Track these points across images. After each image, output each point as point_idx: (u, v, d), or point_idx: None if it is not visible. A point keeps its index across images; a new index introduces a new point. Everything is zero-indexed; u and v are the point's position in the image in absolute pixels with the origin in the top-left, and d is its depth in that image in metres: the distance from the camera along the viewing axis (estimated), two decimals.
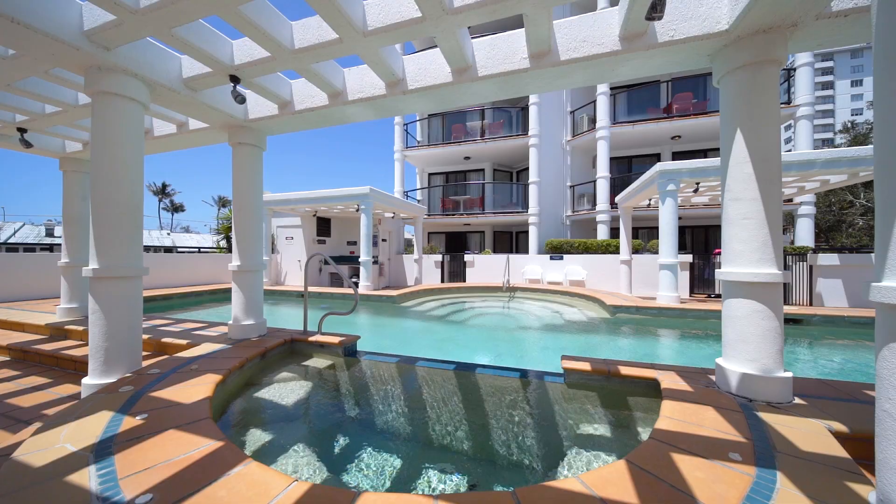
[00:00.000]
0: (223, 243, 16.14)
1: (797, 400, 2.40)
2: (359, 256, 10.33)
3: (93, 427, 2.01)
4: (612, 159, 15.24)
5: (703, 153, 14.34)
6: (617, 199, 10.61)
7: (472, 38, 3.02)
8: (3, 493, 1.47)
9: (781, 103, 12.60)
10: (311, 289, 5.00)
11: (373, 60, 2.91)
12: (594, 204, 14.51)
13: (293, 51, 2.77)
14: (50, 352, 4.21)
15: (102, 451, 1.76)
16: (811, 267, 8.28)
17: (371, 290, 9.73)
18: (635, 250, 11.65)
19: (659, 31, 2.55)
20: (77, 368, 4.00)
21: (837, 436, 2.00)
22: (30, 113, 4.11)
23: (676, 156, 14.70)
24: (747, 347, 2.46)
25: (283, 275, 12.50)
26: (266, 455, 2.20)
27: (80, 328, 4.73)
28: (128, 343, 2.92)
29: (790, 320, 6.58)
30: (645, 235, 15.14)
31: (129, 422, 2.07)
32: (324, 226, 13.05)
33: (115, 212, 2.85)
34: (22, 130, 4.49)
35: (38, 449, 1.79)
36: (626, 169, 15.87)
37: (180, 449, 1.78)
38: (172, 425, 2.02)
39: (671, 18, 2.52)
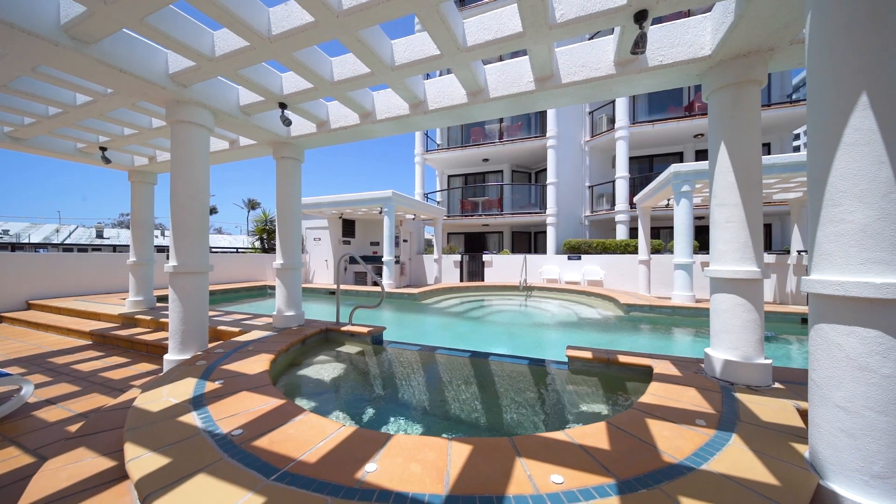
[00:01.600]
0: (257, 244, 17.27)
1: (777, 385, 2.67)
2: (382, 256, 10.93)
3: (185, 388, 2.58)
4: (632, 158, 15.18)
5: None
6: (635, 199, 10.68)
7: (484, 63, 3.44)
8: (137, 426, 2.03)
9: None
10: (336, 286, 5.53)
11: (398, 87, 3.39)
12: (613, 204, 14.52)
13: (332, 82, 3.29)
14: (126, 337, 4.96)
15: (197, 403, 2.32)
16: None
17: (393, 288, 10.29)
18: (656, 250, 11.64)
19: (649, 57, 2.88)
20: (149, 351, 4.71)
21: (803, 413, 2.28)
22: (111, 135, 4.87)
23: (700, 154, 14.46)
24: (730, 337, 2.75)
25: (311, 273, 13.30)
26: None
27: (148, 317, 5.50)
28: (198, 327, 3.54)
29: (804, 320, 6.56)
30: (666, 235, 14.99)
31: (210, 385, 2.63)
32: (349, 227, 13.78)
33: (188, 219, 3.47)
34: (103, 149, 5.30)
35: (150, 401, 2.37)
36: (647, 168, 15.73)
37: (254, 404, 2.31)
38: (244, 388, 2.57)
39: (660, 45, 2.85)
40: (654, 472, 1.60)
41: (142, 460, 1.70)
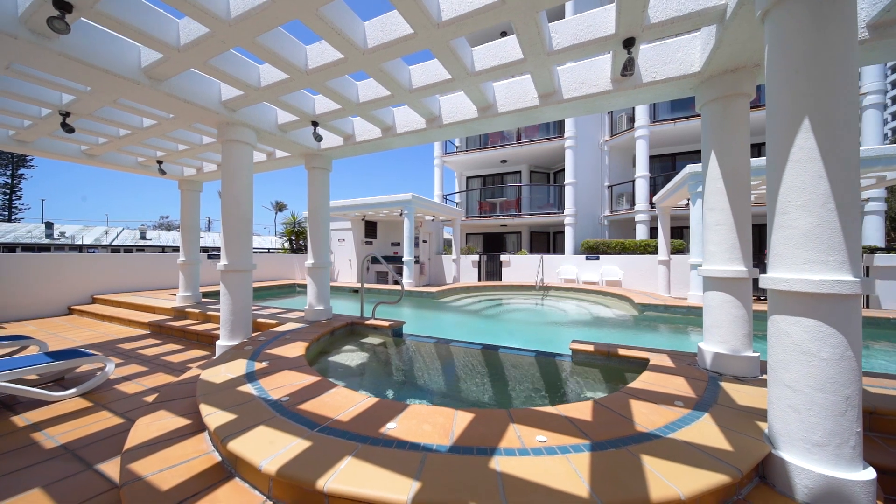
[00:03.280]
0: (286, 245, 18.28)
1: (764, 376, 2.87)
2: (402, 256, 11.43)
3: (238, 366, 3.09)
4: (654, 157, 14.98)
5: (757, 149, 13.61)
6: (654, 199, 10.65)
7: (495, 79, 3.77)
8: (207, 392, 2.53)
9: None
10: (359, 284, 5.96)
11: (415, 105, 3.79)
12: (633, 204, 14.39)
13: (358, 104, 3.74)
14: (179, 327, 5.64)
15: (250, 377, 2.81)
16: (867, 268, 7.86)
17: (413, 287, 10.76)
18: (677, 250, 11.53)
19: (643, 73, 3.13)
20: (199, 339, 5.35)
21: None
22: (167, 150, 5.57)
23: None
24: (720, 331, 2.97)
25: (336, 273, 14.01)
26: None
27: (196, 311, 6.19)
28: (244, 317, 4.08)
29: None
30: (689, 236, 14.68)
31: (258, 365, 3.13)
32: (371, 228, 14.40)
33: (236, 224, 4.02)
34: (159, 162, 6.03)
35: (213, 376, 2.88)
36: (669, 167, 15.46)
37: (295, 379, 2.77)
38: (286, 367, 3.04)
39: (653, 63, 3.10)
40: (624, 437, 1.91)
41: (215, 415, 2.18)
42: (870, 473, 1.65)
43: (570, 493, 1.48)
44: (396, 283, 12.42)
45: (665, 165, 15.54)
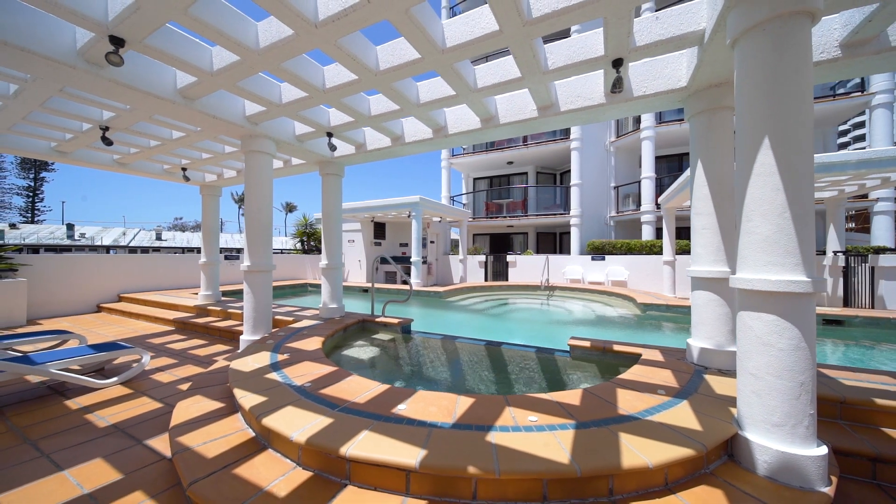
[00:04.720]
0: (298, 245, 18.79)
1: None
2: (410, 257, 11.74)
3: (263, 358, 3.41)
4: (660, 157, 15.03)
5: None
6: (660, 199, 10.75)
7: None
8: (238, 379, 2.85)
9: (855, 91, 11.60)
10: (369, 284, 6.26)
11: (423, 118, 4.08)
12: (639, 204, 14.47)
13: (369, 116, 4.05)
14: (202, 324, 6.02)
15: (275, 366, 3.13)
16: (872, 268, 7.89)
17: (421, 287, 11.05)
18: (682, 251, 11.60)
19: (634, 88, 3.37)
20: (221, 335, 5.73)
21: None
22: (191, 158, 5.97)
23: None
24: (706, 328, 3.19)
25: (346, 273, 14.40)
26: None
27: (217, 308, 6.57)
28: (265, 315, 4.42)
29: (831, 321, 6.55)
30: None
31: (280, 356, 3.45)
32: (380, 230, 14.76)
33: (258, 228, 4.36)
34: (184, 169, 6.44)
35: (241, 365, 3.21)
36: (675, 167, 15.49)
37: (315, 369, 3.08)
38: (305, 359, 3.36)
39: (644, 78, 3.33)
40: (606, 419, 2.16)
41: (247, 398, 2.49)
42: (822, 450, 1.87)
43: (554, 459, 1.74)
44: (405, 282, 12.74)
45: (671, 166, 15.57)
